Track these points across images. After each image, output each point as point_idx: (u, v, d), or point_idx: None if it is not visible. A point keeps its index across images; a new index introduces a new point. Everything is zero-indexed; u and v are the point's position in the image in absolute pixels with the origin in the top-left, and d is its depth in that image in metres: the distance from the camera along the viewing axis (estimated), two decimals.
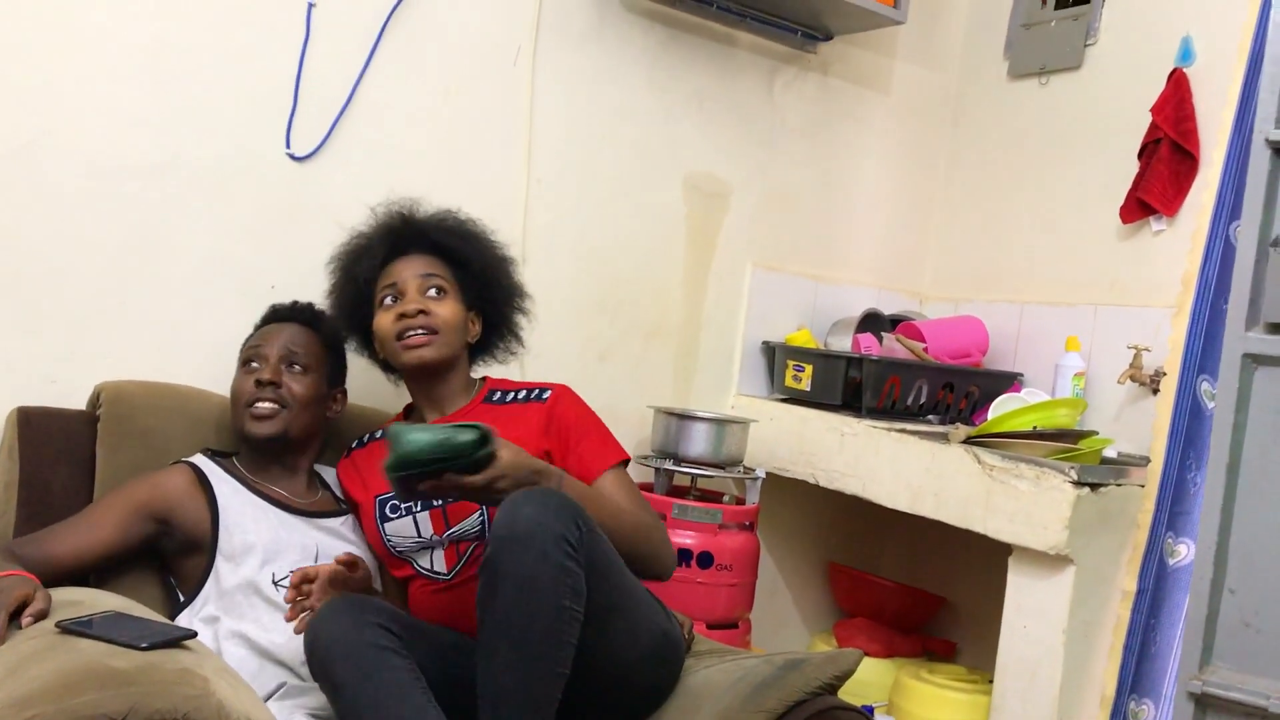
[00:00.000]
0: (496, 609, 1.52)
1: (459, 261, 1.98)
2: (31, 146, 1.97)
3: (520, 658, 1.51)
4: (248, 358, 1.93)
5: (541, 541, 1.51)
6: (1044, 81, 3.05)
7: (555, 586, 1.51)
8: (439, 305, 1.92)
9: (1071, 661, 2.19)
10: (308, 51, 2.22)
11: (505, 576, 1.52)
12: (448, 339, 1.91)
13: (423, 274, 1.93)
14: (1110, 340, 2.73)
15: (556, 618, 1.52)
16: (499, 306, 2.03)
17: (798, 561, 3.12)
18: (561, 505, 1.57)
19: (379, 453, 1.95)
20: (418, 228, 2.00)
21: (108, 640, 1.38)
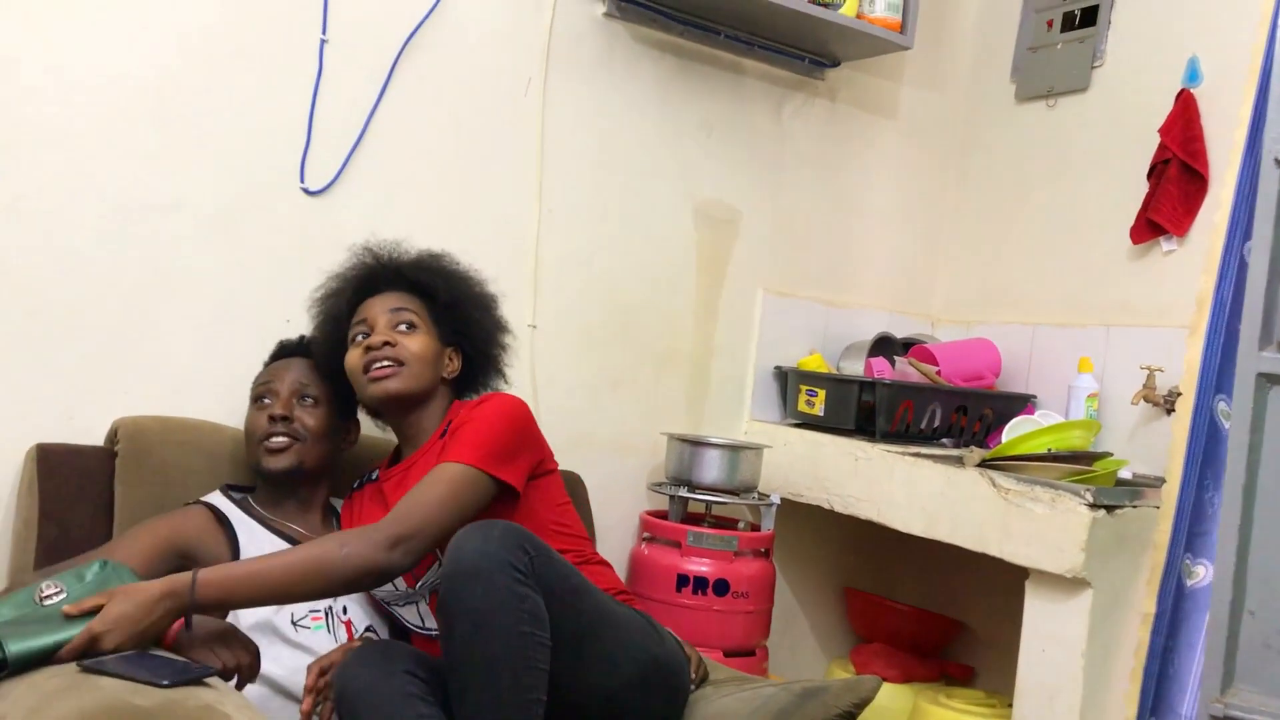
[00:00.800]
0: (457, 646, 1.52)
1: (432, 297, 1.98)
2: (47, 187, 1.99)
3: (491, 691, 1.51)
4: (259, 394, 1.94)
5: (488, 572, 1.51)
6: (1051, 104, 3.06)
7: (510, 614, 1.51)
8: (407, 339, 1.91)
9: (1091, 685, 2.18)
10: (320, 87, 2.24)
11: (458, 613, 1.52)
12: (415, 371, 1.89)
13: (392, 309, 1.93)
14: (1123, 361, 2.73)
15: (518, 644, 1.51)
16: (476, 342, 2.02)
17: (814, 587, 3.12)
18: (505, 533, 1.56)
19: (362, 501, 1.97)
20: (390, 266, 2.00)
21: (129, 678, 1.38)
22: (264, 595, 1.59)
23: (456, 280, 2.03)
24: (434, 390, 1.94)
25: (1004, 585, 2.49)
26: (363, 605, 1.89)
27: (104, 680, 1.38)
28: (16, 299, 1.97)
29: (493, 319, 2.06)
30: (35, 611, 1.48)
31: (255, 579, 1.57)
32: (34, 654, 1.42)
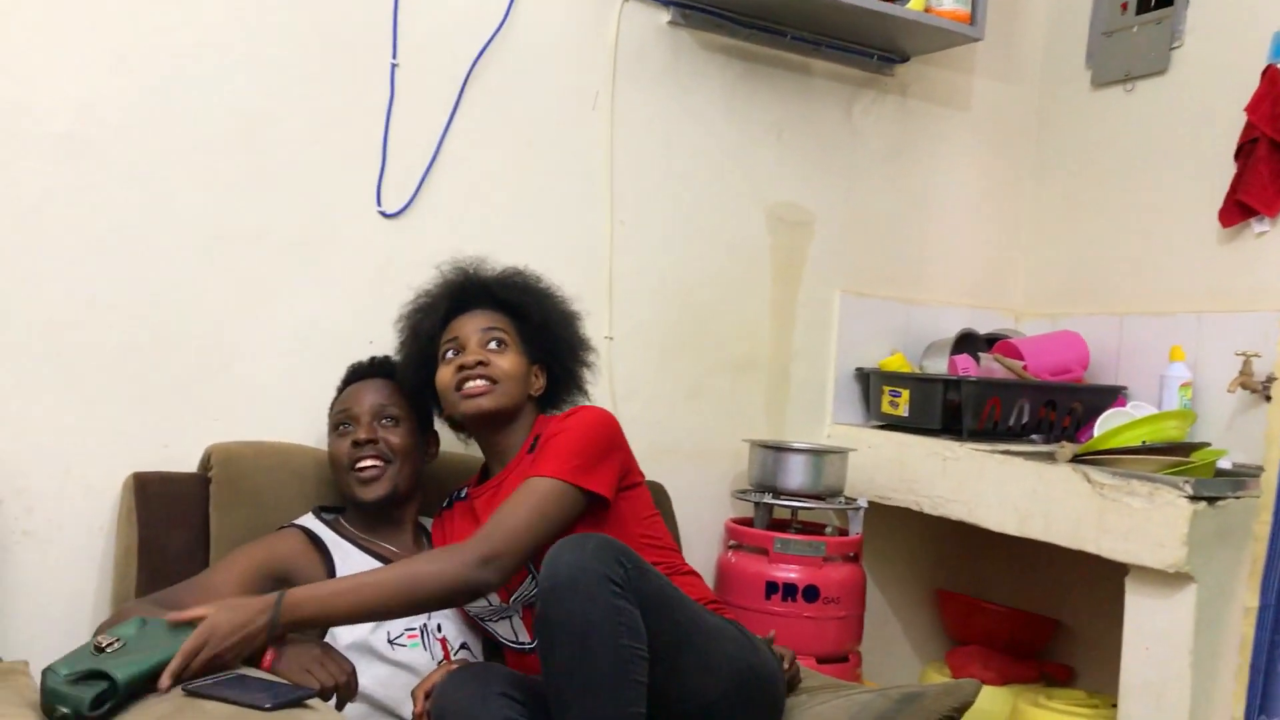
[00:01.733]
0: (557, 661, 1.52)
1: (521, 315, 2.00)
2: (136, 221, 2.04)
3: (592, 705, 1.51)
4: (339, 421, 1.96)
5: (586, 585, 1.51)
6: (1129, 88, 2.99)
7: (609, 627, 1.51)
8: (499, 357, 1.93)
9: (1199, 683, 2.11)
10: (393, 110, 2.27)
11: (558, 626, 1.52)
12: (507, 389, 1.91)
13: (484, 328, 1.95)
14: (1216, 348, 2.65)
15: (618, 658, 1.51)
16: (562, 359, 2.03)
17: (905, 590, 3.07)
18: (600, 546, 1.56)
19: (454, 518, 1.98)
20: (480, 284, 2.02)
21: (233, 702, 1.41)
22: (358, 611, 1.62)
23: (543, 299, 2.04)
24: (522, 407, 1.96)
25: (1101, 582, 2.43)
26: (457, 622, 1.91)
27: (208, 704, 1.40)
28: (111, 332, 2.02)
29: (577, 336, 2.07)
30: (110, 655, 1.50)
31: (349, 595, 1.61)
32: (142, 677, 1.45)
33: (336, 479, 1.95)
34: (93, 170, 2.01)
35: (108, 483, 2.01)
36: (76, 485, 2.00)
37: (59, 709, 1.41)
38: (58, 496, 1.99)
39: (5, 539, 1.95)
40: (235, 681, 1.48)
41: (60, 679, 1.44)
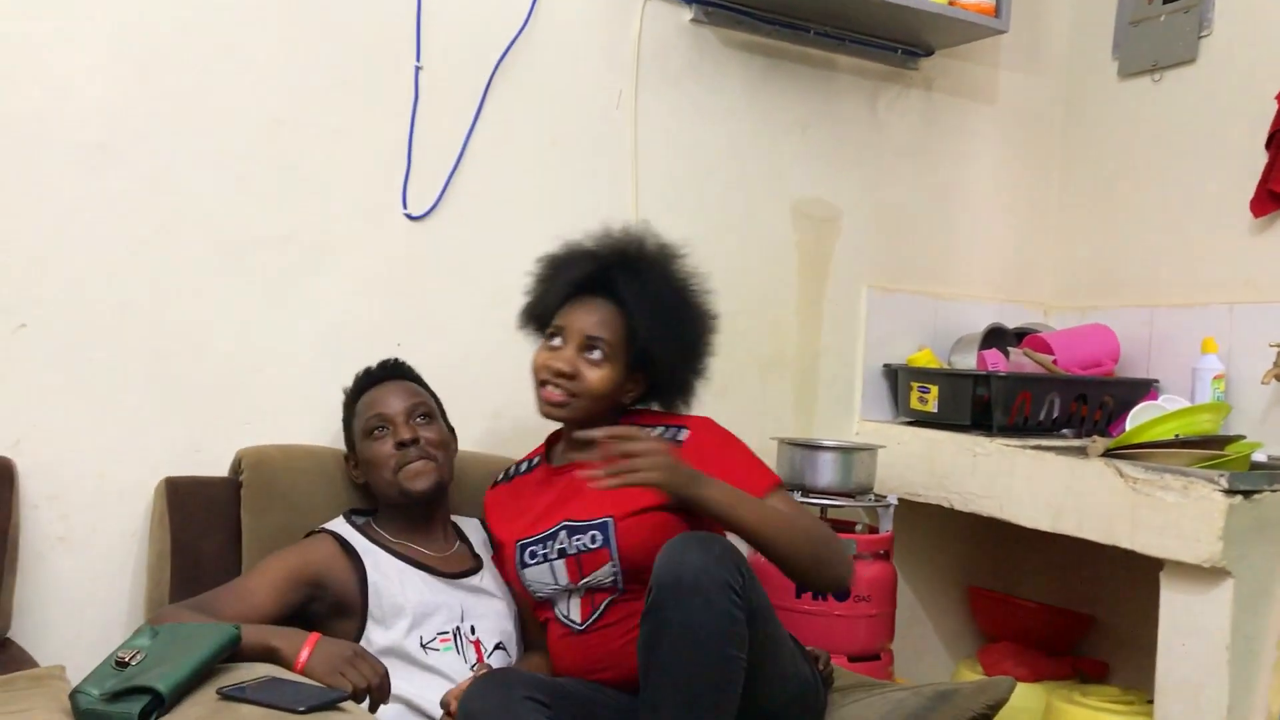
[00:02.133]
0: (662, 659, 1.51)
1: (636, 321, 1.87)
2: (165, 229, 2.06)
3: (687, 710, 1.49)
4: (372, 427, 1.93)
5: (708, 590, 1.50)
6: (1157, 78, 2.96)
7: (722, 636, 1.50)
8: (591, 369, 1.85)
9: (1238, 679, 2.09)
10: (418, 113, 2.28)
11: (670, 625, 1.50)
12: (584, 405, 1.86)
13: (588, 333, 1.86)
14: (1250, 339, 2.62)
15: (724, 668, 1.50)
16: (666, 377, 1.92)
17: (936, 588, 3.06)
18: (726, 550, 1.55)
19: (523, 489, 1.97)
20: (607, 274, 1.89)
21: (267, 705, 1.41)
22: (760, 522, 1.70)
23: (673, 313, 1.89)
24: (603, 414, 1.88)
25: (1135, 578, 2.41)
26: (491, 622, 1.90)
27: (243, 708, 1.41)
28: (141, 338, 2.04)
29: (695, 357, 1.95)
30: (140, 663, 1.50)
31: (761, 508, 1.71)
32: (183, 685, 1.46)
33: (375, 481, 1.94)
34: (121, 177, 2.02)
35: (140, 488, 2.02)
36: (109, 491, 2.02)
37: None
38: (91, 502, 2.01)
39: (40, 545, 1.97)
40: (268, 684, 1.48)
41: (95, 699, 1.44)
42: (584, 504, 1.82)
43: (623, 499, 1.76)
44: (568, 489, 1.87)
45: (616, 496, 1.75)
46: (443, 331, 2.31)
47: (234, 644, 1.55)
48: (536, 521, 1.89)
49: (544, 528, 1.87)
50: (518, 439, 2.34)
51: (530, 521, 1.90)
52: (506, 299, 2.38)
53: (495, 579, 1.96)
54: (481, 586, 1.93)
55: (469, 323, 2.36)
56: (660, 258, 1.93)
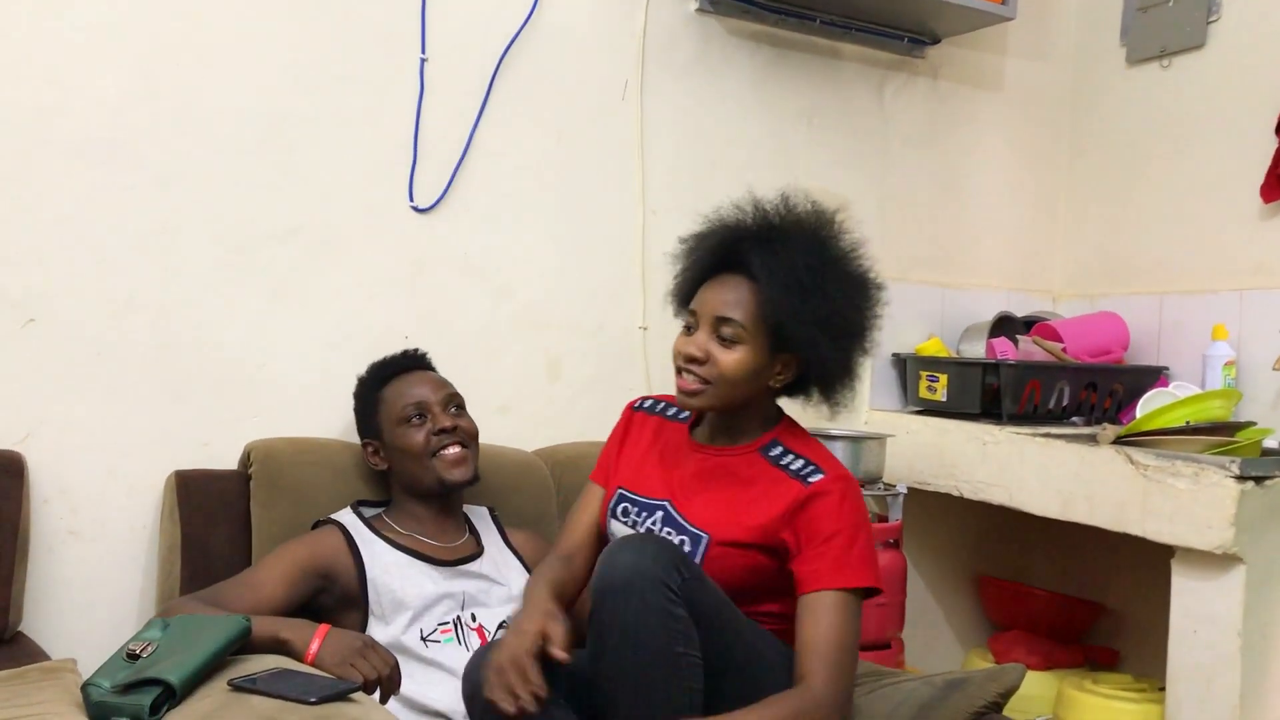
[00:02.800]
0: (607, 660, 1.50)
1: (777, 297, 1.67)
2: (171, 224, 2.06)
3: (642, 710, 1.48)
4: (409, 415, 1.93)
5: (640, 589, 1.47)
6: (1165, 64, 2.95)
7: (663, 634, 1.47)
8: (724, 353, 1.68)
9: (1250, 666, 2.08)
10: (424, 105, 2.28)
11: (609, 628, 1.49)
12: (721, 392, 1.69)
13: (718, 315, 1.68)
14: (1260, 326, 2.62)
15: (671, 665, 1.48)
16: (814, 355, 1.69)
17: (946, 576, 3.05)
18: (660, 550, 1.52)
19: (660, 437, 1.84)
20: (740, 248, 1.71)
21: (277, 696, 1.41)
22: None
23: (818, 289, 1.67)
24: (749, 400, 1.73)
25: (1146, 565, 2.40)
26: (494, 606, 1.90)
27: (254, 699, 1.41)
28: (149, 333, 2.04)
29: (846, 342, 1.73)
30: (147, 659, 1.50)
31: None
32: (194, 677, 1.46)
33: (407, 469, 1.93)
34: (127, 172, 2.02)
35: (150, 481, 2.02)
36: (119, 485, 2.02)
37: (117, 719, 1.42)
38: (101, 496, 2.01)
39: (51, 539, 1.97)
40: (279, 675, 1.49)
41: (107, 691, 1.45)
42: (692, 503, 1.73)
43: (727, 523, 1.68)
44: (688, 472, 1.77)
45: (722, 517, 1.68)
46: (449, 324, 2.31)
47: (244, 636, 1.56)
48: (646, 481, 1.79)
49: (649, 494, 1.77)
50: (525, 432, 2.34)
51: (643, 476, 1.80)
52: (513, 292, 2.40)
53: (496, 564, 1.96)
54: (482, 572, 1.93)
55: (476, 316, 2.36)
56: (803, 226, 1.74)
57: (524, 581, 1.95)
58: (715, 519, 1.69)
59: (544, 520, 2.18)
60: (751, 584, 1.67)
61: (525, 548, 2.04)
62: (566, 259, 2.46)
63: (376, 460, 1.98)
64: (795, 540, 1.64)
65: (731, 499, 1.71)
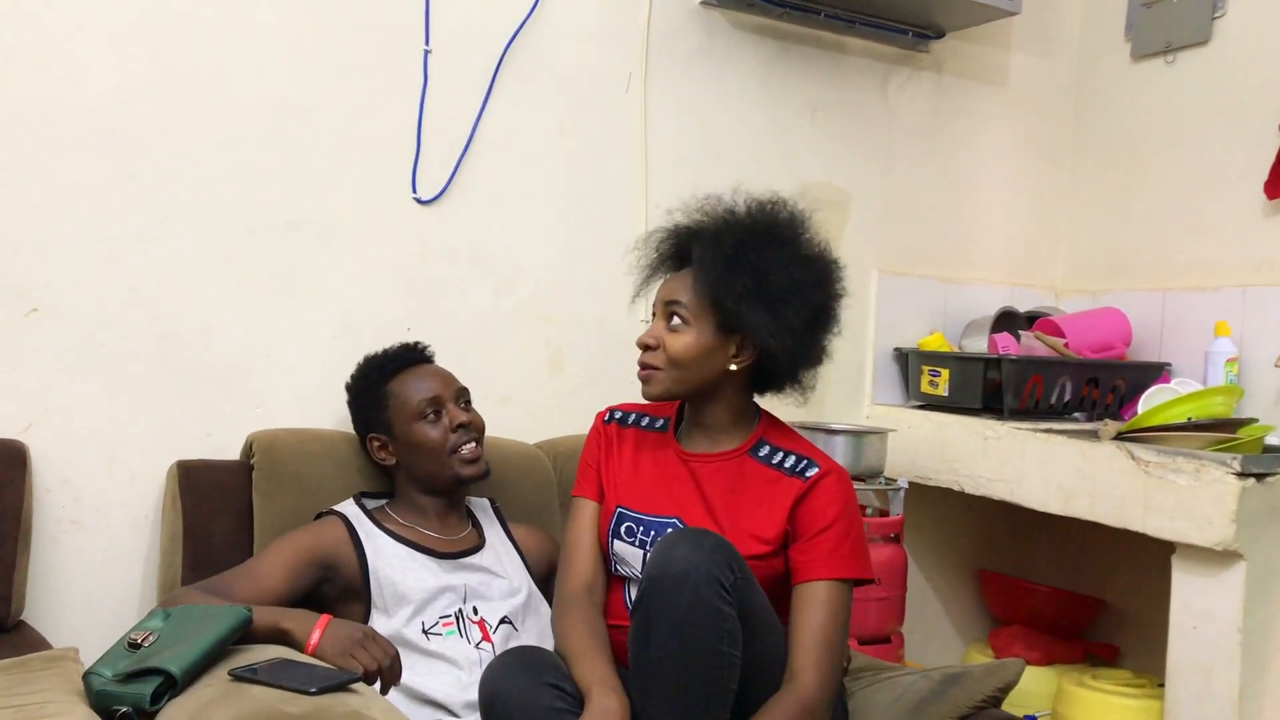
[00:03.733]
0: (651, 652, 1.50)
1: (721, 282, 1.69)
2: (173, 215, 2.06)
3: (678, 704, 1.49)
4: (425, 410, 1.92)
5: (695, 583, 1.47)
6: (1170, 60, 2.94)
7: (711, 630, 1.48)
8: (673, 337, 1.72)
9: (1250, 662, 2.08)
10: (427, 97, 2.27)
11: (658, 619, 1.49)
12: (674, 375, 1.72)
13: (666, 301, 1.75)
14: (1263, 322, 2.62)
15: (714, 663, 1.48)
16: (763, 335, 1.69)
17: (947, 571, 3.05)
18: (717, 546, 1.52)
19: (643, 449, 1.84)
20: (687, 245, 1.77)
21: (278, 686, 1.41)
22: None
23: (751, 270, 1.67)
24: (710, 386, 1.75)
25: (1147, 561, 2.41)
26: (495, 599, 1.90)
27: (254, 689, 1.41)
28: (152, 323, 2.04)
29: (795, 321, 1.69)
30: (149, 648, 1.51)
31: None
32: (195, 667, 1.47)
33: (421, 464, 1.93)
34: (130, 163, 2.02)
35: (152, 471, 2.03)
36: (121, 474, 2.03)
37: (117, 708, 1.42)
38: (103, 486, 2.01)
39: (53, 528, 1.98)
40: (280, 666, 1.49)
41: (108, 680, 1.45)
42: (702, 516, 1.73)
43: (743, 538, 1.68)
44: (690, 483, 1.77)
45: (739, 529, 1.70)
46: (452, 316, 2.32)
47: (245, 626, 1.56)
48: (646, 498, 1.79)
49: (653, 511, 1.77)
50: (527, 424, 2.34)
51: (640, 493, 1.80)
52: (516, 284, 2.40)
53: (498, 557, 1.97)
54: (483, 565, 1.93)
55: (478, 308, 2.36)
56: (747, 212, 1.76)
57: (524, 575, 1.96)
58: (730, 533, 1.69)
59: (545, 512, 2.19)
60: (770, 589, 1.68)
61: (527, 542, 2.04)
62: (569, 251, 2.46)
63: (384, 455, 1.98)
64: (793, 531, 1.69)
65: (737, 509, 1.73)
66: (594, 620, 1.72)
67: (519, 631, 1.88)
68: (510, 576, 1.94)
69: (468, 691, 1.73)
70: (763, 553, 1.69)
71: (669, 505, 1.77)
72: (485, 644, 1.82)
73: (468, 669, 1.77)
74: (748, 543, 1.69)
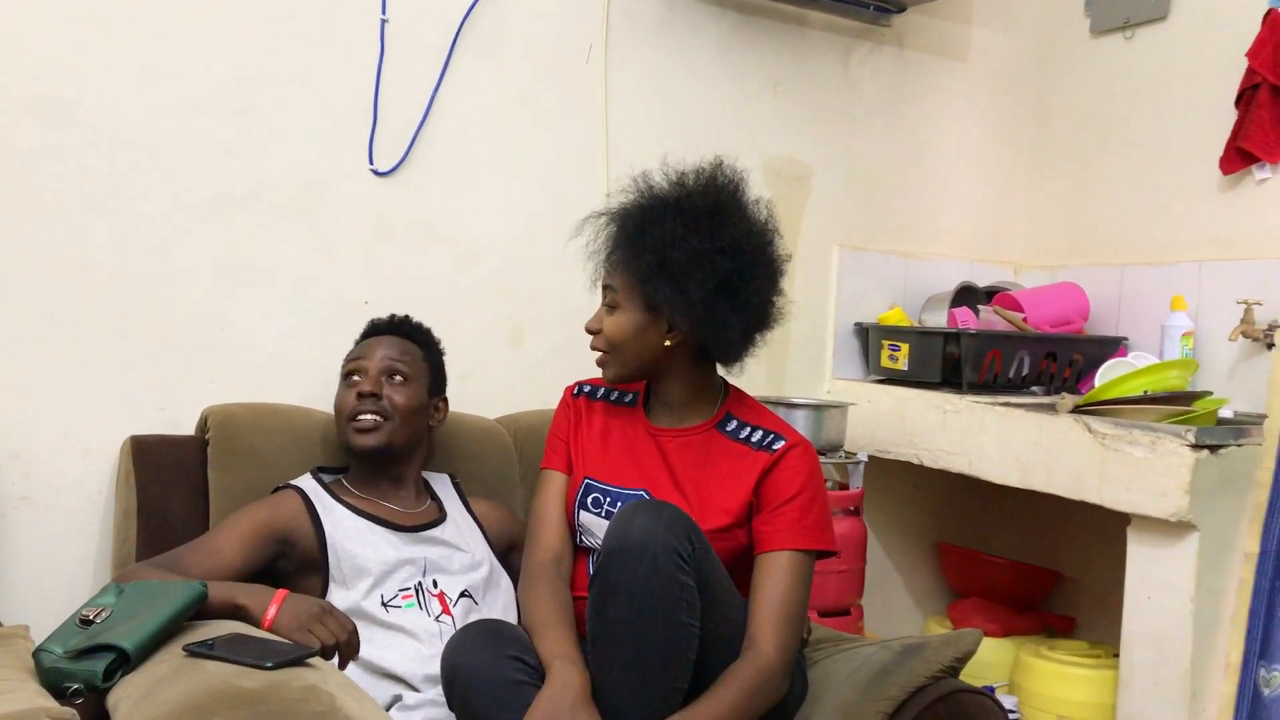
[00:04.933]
0: (609, 623, 1.51)
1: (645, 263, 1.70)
2: (127, 185, 2.02)
3: (637, 674, 1.50)
4: (349, 371, 1.95)
5: (653, 554, 1.48)
6: (1129, 35, 2.96)
7: (669, 600, 1.49)
8: (610, 319, 1.75)
9: (1201, 630, 2.12)
10: (384, 68, 2.24)
11: (616, 589, 1.50)
12: (620, 357, 1.75)
13: (603, 286, 1.78)
14: (1218, 297, 2.64)
15: (672, 632, 1.50)
16: (685, 310, 1.68)
17: (906, 544, 3.08)
18: (674, 518, 1.53)
19: (612, 422, 1.84)
20: (625, 235, 1.74)
21: (233, 661, 1.40)
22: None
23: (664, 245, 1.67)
24: (659, 363, 1.76)
25: (1102, 533, 2.43)
26: (455, 572, 1.89)
27: (210, 664, 1.40)
28: (104, 296, 2.01)
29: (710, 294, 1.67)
30: (98, 625, 1.49)
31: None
32: (149, 643, 1.45)
33: (337, 428, 1.94)
34: (82, 132, 1.98)
35: (105, 446, 2.00)
36: (73, 449, 1.99)
37: (69, 685, 1.40)
38: (55, 461, 1.98)
39: (3, 505, 1.94)
40: (236, 641, 1.47)
41: (59, 657, 1.43)
42: (670, 491, 1.74)
43: (710, 509, 1.70)
44: (658, 457, 1.78)
45: (705, 503, 1.71)
46: (410, 289, 2.29)
47: (201, 601, 1.54)
48: (614, 470, 1.80)
49: (621, 483, 1.78)
50: (487, 400, 2.33)
51: (609, 465, 1.80)
52: (475, 257, 2.38)
53: (459, 531, 1.95)
54: (444, 539, 1.91)
55: (438, 281, 2.34)
56: (658, 192, 1.75)
57: (485, 550, 1.95)
58: (697, 506, 1.71)
59: (506, 487, 2.18)
60: (733, 563, 1.70)
61: (488, 517, 2.03)
62: (529, 225, 2.44)
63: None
64: (758, 502, 1.70)
65: (704, 482, 1.74)
66: (560, 592, 1.72)
67: (479, 605, 1.87)
68: (471, 550, 1.93)
69: (428, 664, 1.72)
70: (727, 524, 1.70)
71: (637, 478, 1.78)
72: (445, 617, 1.81)
73: (427, 642, 1.76)
74: (714, 515, 1.70)
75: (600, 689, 1.52)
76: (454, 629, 1.73)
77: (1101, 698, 2.42)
